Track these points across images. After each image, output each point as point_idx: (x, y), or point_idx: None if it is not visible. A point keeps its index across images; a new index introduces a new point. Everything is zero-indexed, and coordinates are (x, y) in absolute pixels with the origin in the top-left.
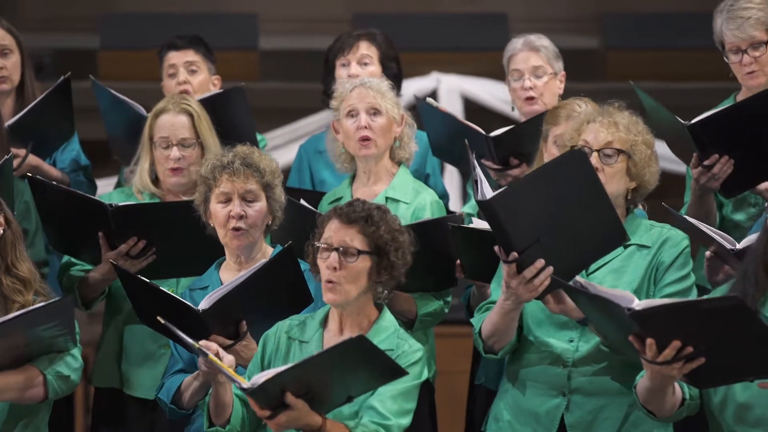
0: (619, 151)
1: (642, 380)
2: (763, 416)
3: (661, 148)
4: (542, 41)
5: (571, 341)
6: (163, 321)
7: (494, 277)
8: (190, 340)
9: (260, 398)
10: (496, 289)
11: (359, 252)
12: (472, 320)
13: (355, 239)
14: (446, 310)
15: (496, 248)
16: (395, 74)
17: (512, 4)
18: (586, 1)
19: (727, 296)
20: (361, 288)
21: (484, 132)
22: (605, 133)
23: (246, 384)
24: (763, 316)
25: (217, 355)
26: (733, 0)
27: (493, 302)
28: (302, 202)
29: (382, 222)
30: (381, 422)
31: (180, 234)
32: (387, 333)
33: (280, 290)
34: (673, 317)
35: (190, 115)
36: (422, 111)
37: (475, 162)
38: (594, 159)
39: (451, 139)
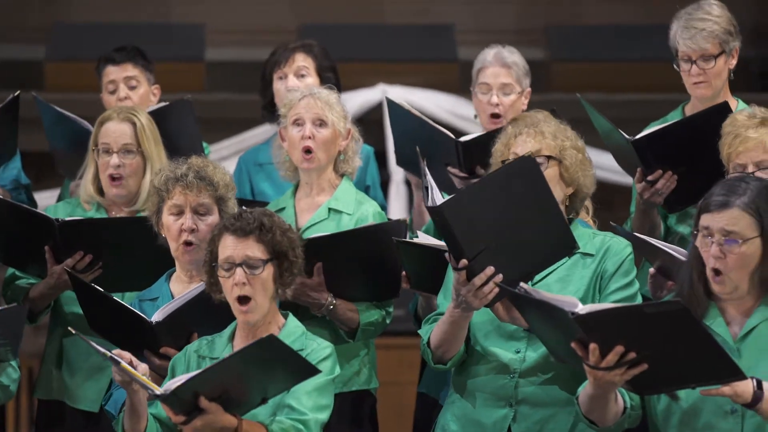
0: (549, 158)
1: (584, 389)
2: (709, 422)
3: (608, 159)
4: (514, 57)
5: (518, 352)
6: (74, 331)
7: (441, 289)
8: (101, 349)
9: (174, 404)
10: (443, 302)
11: (263, 261)
12: (419, 331)
13: (255, 250)
14: (388, 321)
15: (446, 255)
16: (333, 84)
17: (459, 16)
18: (533, 12)
19: (669, 301)
20: (270, 295)
21: (453, 137)
22: (533, 143)
23: (159, 390)
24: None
25: (130, 363)
26: (693, 9)
27: (441, 314)
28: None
29: (274, 226)
30: (298, 418)
31: (127, 249)
32: (295, 336)
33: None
34: (617, 321)
35: (134, 124)
36: (390, 113)
37: (426, 169)
38: None
39: (417, 144)
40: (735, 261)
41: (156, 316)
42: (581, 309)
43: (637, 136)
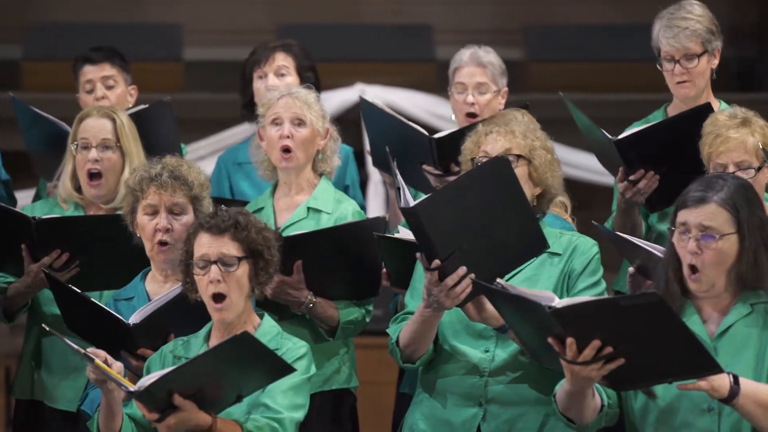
0: (519, 156)
1: (561, 386)
2: (685, 420)
3: (587, 159)
4: (489, 56)
5: (487, 351)
6: (48, 328)
7: (409, 288)
8: (75, 347)
9: (148, 401)
10: (410, 301)
11: (238, 259)
12: (388, 330)
13: (230, 247)
14: (368, 319)
15: (418, 255)
16: (313, 84)
17: (437, 16)
18: (510, 12)
19: (646, 293)
20: (245, 294)
21: (427, 134)
22: (503, 141)
23: (132, 387)
24: None
25: (105, 361)
26: (675, 8)
27: (408, 313)
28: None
29: (249, 224)
30: (273, 416)
31: (104, 247)
32: (271, 335)
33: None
34: (593, 315)
35: (113, 121)
36: (364, 112)
37: (397, 170)
38: None
39: (392, 143)
40: (712, 257)
41: (133, 318)
42: (558, 303)
43: (620, 136)
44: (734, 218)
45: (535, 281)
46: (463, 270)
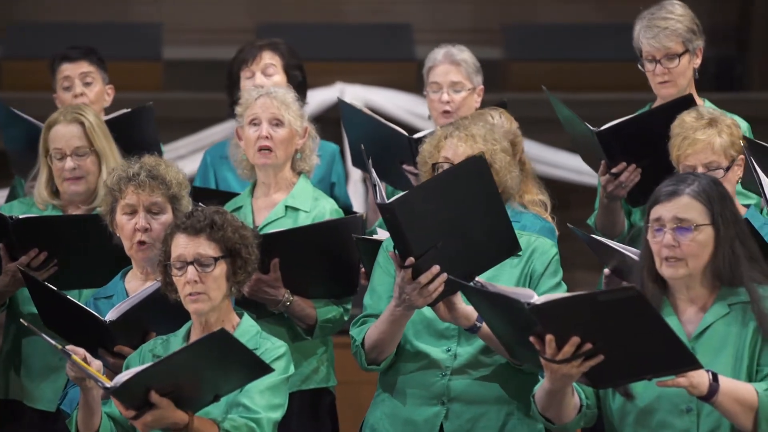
0: None
1: (541, 386)
2: (664, 420)
3: (565, 158)
4: (463, 55)
5: (449, 350)
6: (26, 323)
7: (368, 289)
8: (53, 342)
9: (124, 398)
10: (370, 302)
11: (215, 259)
12: (351, 332)
13: (207, 248)
14: (346, 318)
15: (390, 253)
16: (300, 82)
17: (417, 15)
18: (490, 11)
19: (624, 287)
20: (223, 292)
21: (406, 134)
22: (464, 147)
23: (109, 384)
24: None
25: (84, 359)
26: (656, 8)
27: (370, 315)
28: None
29: (226, 224)
30: (250, 416)
31: (82, 246)
32: (250, 335)
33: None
34: (572, 310)
35: (82, 124)
36: (343, 113)
37: (372, 167)
38: None
39: (371, 143)
40: (689, 248)
41: (110, 315)
42: (537, 299)
43: (602, 128)
44: (708, 210)
45: (496, 280)
46: (436, 268)
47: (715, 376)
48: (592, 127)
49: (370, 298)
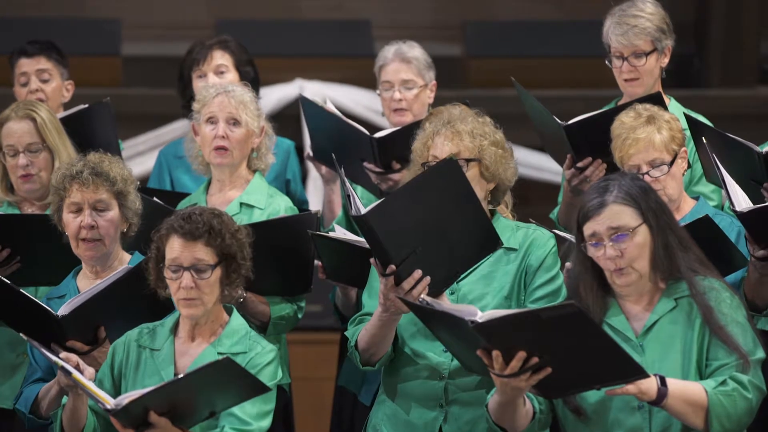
0: (468, 160)
1: (493, 397)
2: (617, 419)
3: (524, 154)
4: (414, 52)
5: (446, 352)
6: (26, 337)
7: (366, 287)
8: (54, 357)
9: (123, 418)
10: (368, 300)
11: (212, 266)
12: (346, 333)
13: (204, 254)
14: (300, 315)
15: (372, 261)
16: (252, 78)
17: (375, 11)
18: (449, 8)
19: (564, 304)
20: (216, 296)
21: (368, 133)
22: (450, 145)
23: (110, 405)
24: (606, 325)
25: (77, 367)
26: (627, 5)
27: (367, 314)
28: (157, 200)
29: (223, 229)
30: (243, 428)
31: (38, 244)
32: (239, 336)
33: (140, 298)
34: (515, 327)
35: (34, 120)
36: (305, 109)
37: (345, 178)
38: None
39: (333, 140)
40: (632, 251)
41: (62, 310)
42: (480, 317)
43: (570, 122)
44: (637, 210)
45: (491, 278)
46: (418, 273)
47: (663, 380)
48: (559, 121)
49: (368, 296)
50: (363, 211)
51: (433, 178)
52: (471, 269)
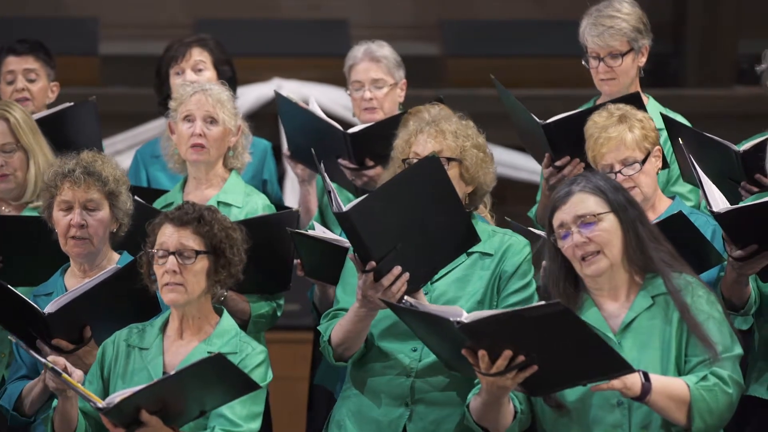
0: (450, 159)
1: (475, 397)
2: (597, 416)
3: (503, 154)
4: (383, 51)
5: (415, 350)
6: (13, 339)
7: (339, 283)
8: (42, 359)
9: (114, 417)
10: (342, 296)
11: (197, 252)
12: (319, 327)
13: (191, 240)
14: (279, 313)
15: (350, 256)
16: (230, 78)
17: (353, 11)
18: (427, 7)
19: (549, 303)
20: (201, 288)
21: (342, 129)
22: (433, 143)
23: (101, 404)
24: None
25: (65, 369)
26: (604, 5)
27: (341, 309)
28: (139, 199)
29: (214, 221)
30: (232, 429)
31: (21, 245)
32: (229, 336)
33: (128, 298)
34: (501, 327)
35: (7, 120)
36: (280, 106)
37: (325, 174)
38: None
39: (308, 137)
40: (599, 238)
41: (49, 308)
42: (465, 318)
43: (548, 121)
44: (603, 199)
45: (465, 282)
46: (398, 270)
47: (646, 376)
48: (538, 120)
49: (343, 291)
50: (344, 207)
51: (415, 175)
52: (446, 271)
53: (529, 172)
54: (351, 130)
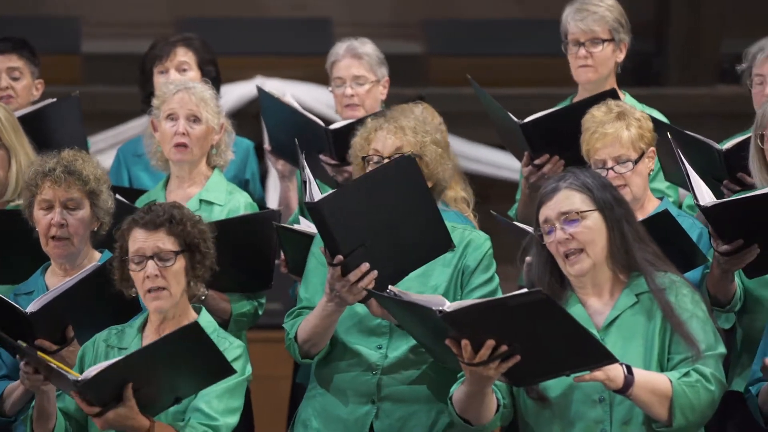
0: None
1: (459, 388)
2: (578, 412)
3: (486, 153)
4: (365, 48)
5: (380, 348)
6: None
7: (302, 281)
8: (15, 343)
9: (91, 392)
10: (304, 294)
11: (175, 253)
12: (284, 325)
13: (166, 242)
14: (260, 312)
15: (320, 249)
16: (214, 78)
17: (336, 9)
18: (410, 6)
19: (531, 291)
20: (182, 287)
21: (323, 124)
22: (393, 139)
23: (79, 377)
24: None
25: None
26: None
27: (304, 307)
28: (120, 198)
29: (185, 218)
30: (209, 423)
31: (5, 242)
32: (207, 331)
33: (109, 297)
34: (483, 316)
35: None
36: (262, 102)
37: (305, 162)
38: None
39: (290, 133)
40: (582, 236)
41: (31, 307)
42: (448, 307)
43: (526, 120)
44: (589, 197)
45: (428, 276)
46: (366, 266)
47: (629, 369)
48: (516, 119)
49: (305, 290)
50: (317, 198)
51: (389, 174)
52: None
53: (512, 171)
54: (332, 126)
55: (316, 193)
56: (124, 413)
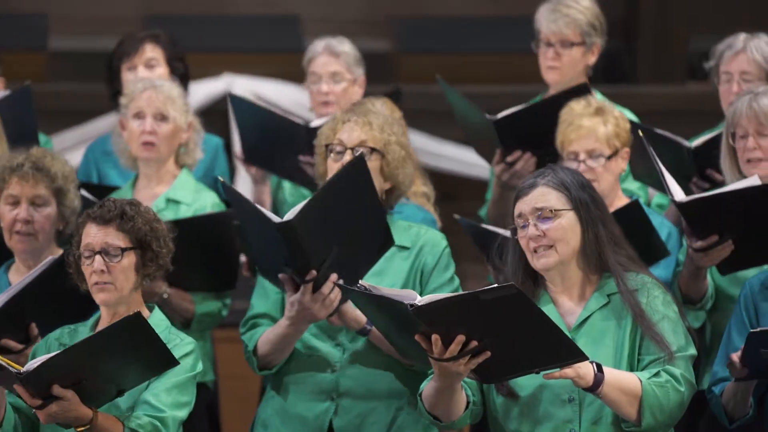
0: (373, 150)
1: (428, 384)
2: (547, 411)
3: (454, 150)
4: (343, 46)
5: (338, 345)
6: None
7: (256, 289)
8: None
9: (33, 385)
10: (258, 302)
11: (122, 250)
12: (243, 338)
13: (115, 238)
14: (224, 312)
15: (281, 276)
16: (182, 74)
17: (305, 6)
18: (379, 3)
19: (503, 285)
20: (131, 283)
21: (303, 123)
22: (359, 132)
23: (21, 369)
24: None
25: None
26: None
27: (258, 315)
28: (85, 193)
29: (137, 215)
30: (155, 414)
31: None
32: (159, 329)
33: (70, 294)
34: (454, 310)
35: None
36: (234, 108)
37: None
38: (348, 157)
39: (264, 136)
40: (554, 234)
41: None
42: (419, 301)
43: (498, 116)
44: (566, 196)
45: (383, 275)
46: (335, 276)
47: (599, 367)
48: (488, 116)
49: (259, 297)
50: (287, 217)
51: (343, 178)
52: None
53: (482, 169)
54: (313, 124)
55: (299, 200)
56: (66, 406)
